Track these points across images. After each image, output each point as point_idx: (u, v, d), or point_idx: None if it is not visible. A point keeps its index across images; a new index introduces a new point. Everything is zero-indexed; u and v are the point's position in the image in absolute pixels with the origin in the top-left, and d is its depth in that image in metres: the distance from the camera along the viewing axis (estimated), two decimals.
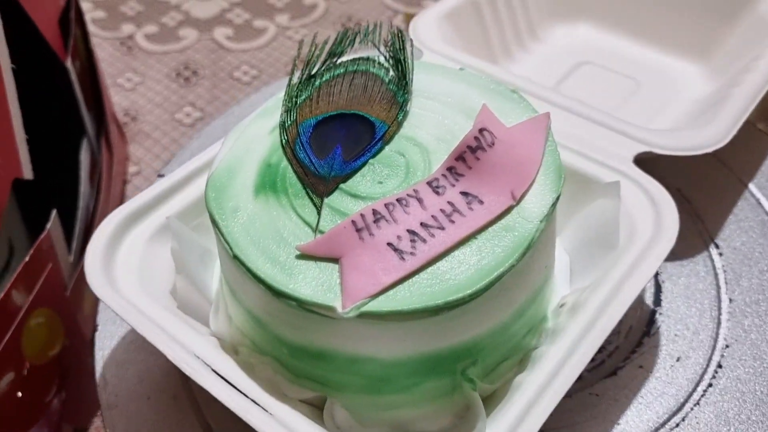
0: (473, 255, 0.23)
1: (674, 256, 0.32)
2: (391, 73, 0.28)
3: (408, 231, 0.23)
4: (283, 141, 0.26)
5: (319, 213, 0.24)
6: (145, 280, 0.28)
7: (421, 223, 0.23)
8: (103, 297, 0.26)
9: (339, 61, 0.29)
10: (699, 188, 0.35)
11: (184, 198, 0.30)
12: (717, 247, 0.33)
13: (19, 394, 0.32)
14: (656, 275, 0.32)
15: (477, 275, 0.22)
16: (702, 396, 0.28)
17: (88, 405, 0.39)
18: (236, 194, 0.25)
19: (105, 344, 0.31)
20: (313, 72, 0.28)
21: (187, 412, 0.29)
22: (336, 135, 0.26)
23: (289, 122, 0.27)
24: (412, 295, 0.22)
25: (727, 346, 0.29)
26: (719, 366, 0.29)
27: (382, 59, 0.29)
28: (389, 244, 0.23)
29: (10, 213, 0.33)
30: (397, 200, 0.24)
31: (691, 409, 0.28)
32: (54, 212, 0.35)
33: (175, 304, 0.28)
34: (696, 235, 0.33)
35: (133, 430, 0.28)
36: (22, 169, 0.34)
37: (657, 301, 0.31)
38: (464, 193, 0.24)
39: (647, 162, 0.31)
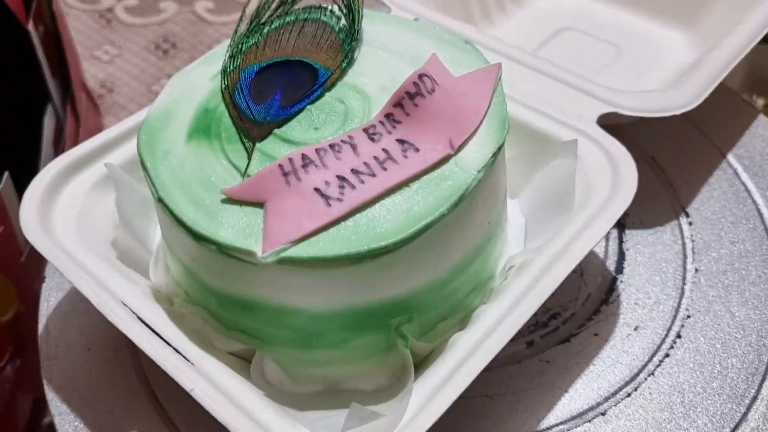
0: (404, 203, 0.22)
1: (642, 224, 0.31)
2: (343, 21, 0.27)
3: (337, 177, 0.22)
4: (223, 86, 0.25)
5: (249, 158, 0.23)
6: (84, 229, 0.27)
7: (352, 170, 0.22)
8: (34, 242, 0.25)
9: (290, 9, 0.28)
10: (675, 157, 0.33)
11: (130, 148, 0.29)
12: (687, 216, 0.31)
13: None
14: (620, 243, 0.30)
15: (405, 223, 0.21)
16: (657, 366, 0.27)
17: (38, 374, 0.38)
18: (169, 138, 0.24)
19: (51, 295, 0.30)
20: (263, 20, 0.27)
21: (126, 366, 0.28)
22: (278, 81, 0.25)
23: (231, 68, 0.26)
24: (335, 241, 0.21)
25: (688, 317, 0.28)
26: (678, 336, 0.27)
27: (335, 8, 0.28)
28: (316, 189, 0.22)
29: None
30: (330, 146, 0.23)
31: (645, 379, 0.26)
32: (6, 174, 0.34)
33: (115, 255, 0.27)
34: (667, 203, 0.32)
35: (70, 381, 0.27)
36: None
37: (619, 268, 0.30)
38: (400, 141, 0.23)
39: (622, 129, 0.30)
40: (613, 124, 0.29)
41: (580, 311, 0.28)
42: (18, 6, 0.39)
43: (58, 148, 0.43)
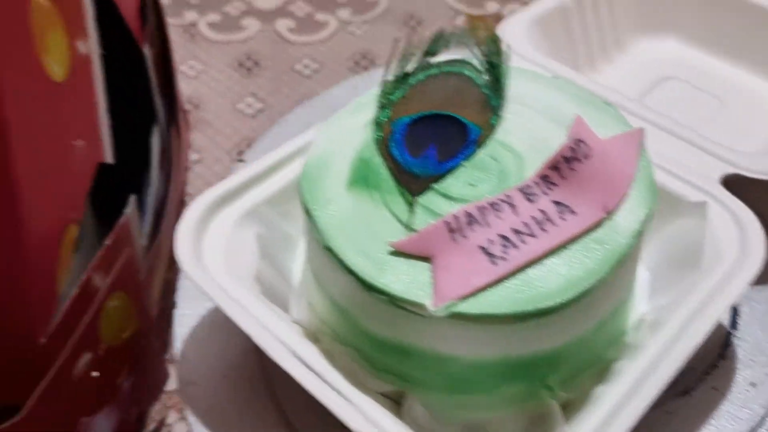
0: (564, 265, 0.23)
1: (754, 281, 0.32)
2: (485, 76, 0.28)
3: (500, 236, 0.23)
4: (377, 137, 0.26)
5: (411, 211, 0.24)
6: (230, 263, 0.28)
7: (513, 229, 0.24)
8: (194, 278, 0.27)
9: (433, 61, 0.29)
10: None
11: (270, 185, 0.30)
12: None
13: (95, 374, 0.33)
14: None
15: (567, 285, 0.23)
16: None
17: (152, 388, 0.40)
18: (329, 186, 0.26)
19: (184, 322, 0.31)
20: (407, 71, 0.29)
21: (262, 394, 0.29)
22: (429, 135, 0.26)
23: (383, 119, 0.27)
24: (503, 299, 0.22)
25: None
26: None
27: (476, 62, 0.29)
28: (481, 247, 0.23)
29: (94, 197, 0.34)
30: (490, 204, 0.24)
31: None
32: (133, 197, 0.36)
33: (259, 289, 0.28)
34: None
35: (209, 407, 0.29)
36: (104, 153, 0.35)
37: (733, 324, 0.31)
38: (557, 203, 0.24)
39: (735, 185, 0.31)
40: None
41: (698, 365, 0.29)
42: (137, 29, 0.40)
43: (163, 168, 0.44)
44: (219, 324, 0.32)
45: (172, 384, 0.40)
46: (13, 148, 0.27)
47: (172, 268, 0.44)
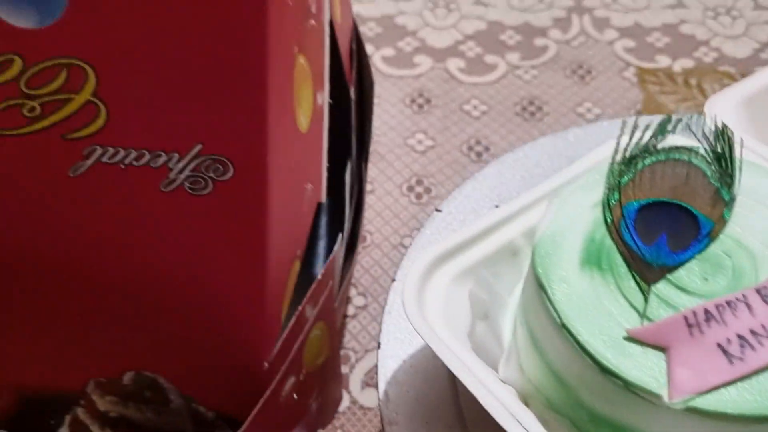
0: None
1: None
2: (713, 166, 0.29)
3: (737, 336, 0.24)
4: (608, 219, 0.28)
5: (646, 300, 0.25)
6: (446, 319, 0.30)
7: (751, 330, 0.24)
8: (421, 332, 0.29)
9: (660, 147, 0.30)
10: None
11: (485, 247, 0.32)
12: None
13: (295, 396, 0.36)
14: None
15: None
16: None
17: (330, 410, 0.42)
18: (562, 264, 0.27)
19: (387, 364, 0.34)
20: (634, 154, 0.30)
21: None
22: (660, 223, 0.27)
23: (613, 202, 0.28)
24: (740, 400, 0.23)
25: None
26: None
27: (703, 151, 0.30)
28: (719, 345, 0.24)
29: (314, 235, 0.37)
30: (727, 303, 0.25)
31: None
32: (341, 235, 0.38)
33: (469, 346, 0.30)
34: None
35: None
36: (322, 194, 0.38)
37: None
38: None
39: None
40: None
41: None
42: (348, 73, 0.43)
43: (352, 203, 0.47)
44: (419, 369, 0.34)
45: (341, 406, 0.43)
46: (269, 194, 0.29)
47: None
